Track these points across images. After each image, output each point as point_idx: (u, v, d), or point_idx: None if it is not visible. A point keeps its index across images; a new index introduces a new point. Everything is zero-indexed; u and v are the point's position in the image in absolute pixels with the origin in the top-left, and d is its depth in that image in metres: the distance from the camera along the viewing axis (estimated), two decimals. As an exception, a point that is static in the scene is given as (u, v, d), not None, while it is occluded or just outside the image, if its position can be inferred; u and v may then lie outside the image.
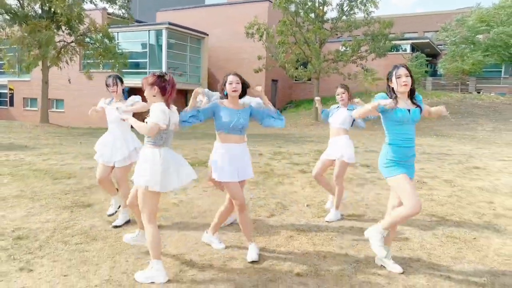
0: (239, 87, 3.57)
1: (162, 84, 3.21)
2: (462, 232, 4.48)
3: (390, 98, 3.28)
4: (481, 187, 6.77)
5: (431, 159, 10.15)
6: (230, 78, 3.57)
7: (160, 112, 3.17)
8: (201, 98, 3.91)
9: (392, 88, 3.32)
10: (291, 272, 3.37)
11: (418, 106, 3.33)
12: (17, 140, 12.52)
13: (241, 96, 3.67)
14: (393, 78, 3.29)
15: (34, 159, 8.81)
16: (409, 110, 3.27)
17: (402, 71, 3.25)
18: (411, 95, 3.34)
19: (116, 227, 4.49)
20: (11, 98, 30.67)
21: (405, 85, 3.22)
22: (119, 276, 3.27)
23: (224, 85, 3.60)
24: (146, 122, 3.17)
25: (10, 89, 30.44)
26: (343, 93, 4.94)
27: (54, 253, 3.73)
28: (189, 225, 4.56)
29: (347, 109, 4.88)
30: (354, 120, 4.90)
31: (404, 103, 3.29)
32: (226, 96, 3.62)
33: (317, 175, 5.02)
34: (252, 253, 3.59)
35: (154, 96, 3.24)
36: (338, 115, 4.93)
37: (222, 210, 3.90)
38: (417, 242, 4.16)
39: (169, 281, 3.18)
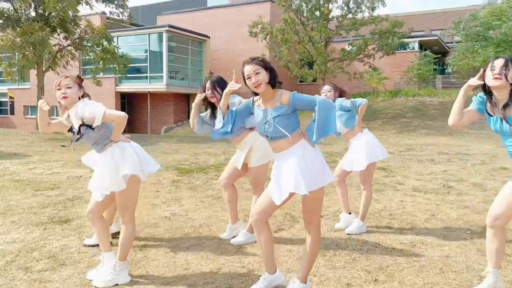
0: (262, 77, 2.60)
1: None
2: (513, 247, 3.66)
3: (489, 100, 2.66)
4: (517, 190, 5.94)
5: (452, 159, 9.33)
6: (246, 70, 2.64)
7: (92, 105, 2.94)
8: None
9: (488, 89, 2.61)
10: (307, 310, 2.58)
11: None
12: (8, 148, 11.83)
13: (272, 83, 2.67)
14: (487, 70, 2.59)
15: (19, 168, 8.09)
16: (501, 119, 2.55)
17: (499, 62, 2.54)
18: None
19: (88, 246, 3.74)
20: (12, 106, 30.17)
21: (497, 78, 2.50)
22: (82, 319, 2.49)
23: (244, 80, 2.69)
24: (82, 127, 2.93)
25: (11, 97, 29.95)
26: (329, 91, 4.18)
27: (9, 284, 2.97)
28: (179, 245, 3.77)
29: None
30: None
31: (498, 111, 2.58)
32: (254, 92, 2.74)
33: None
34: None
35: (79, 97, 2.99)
36: None
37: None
38: (461, 262, 3.35)
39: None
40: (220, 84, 3.60)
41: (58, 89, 2.92)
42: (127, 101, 26.65)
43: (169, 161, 9.10)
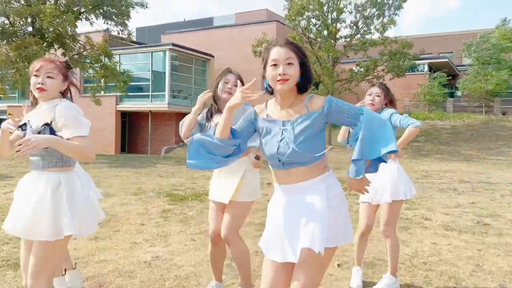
0: (293, 72, 1.79)
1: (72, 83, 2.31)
2: None
3: None
4: None
5: (476, 189, 8.40)
6: (276, 53, 1.81)
7: (81, 117, 2.13)
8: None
9: None
10: None
11: None
12: (-7, 168, 11.03)
13: (303, 87, 1.86)
14: None
15: (-6, 191, 7.26)
16: None
17: None
18: None
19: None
20: (11, 124, 29.55)
21: None
22: None
23: (264, 68, 1.88)
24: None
25: (10, 114, 29.29)
26: (378, 95, 3.19)
27: None
28: (156, 307, 2.87)
29: None
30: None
31: None
32: (269, 90, 1.91)
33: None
34: None
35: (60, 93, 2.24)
36: None
37: None
38: None
39: None
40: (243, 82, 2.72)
41: (35, 76, 2.12)
42: (128, 120, 25.99)
43: (162, 185, 8.23)
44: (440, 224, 5.33)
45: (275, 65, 1.80)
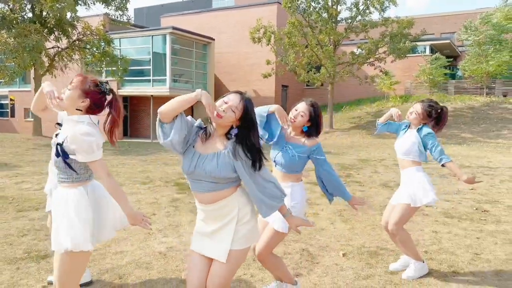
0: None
1: (99, 101, 2.27)
2: None
3: None
4: None
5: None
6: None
7: (95, 142, 2.13)
8: None
9: None
10: None
11: None
12: (0, 156, 11.21)
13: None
14: None
15: (5, 181, 7.44)
16: None
17: None
18: None
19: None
20: (12, 109, 29.65)
21: None
22: None
23: None
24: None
25: (11, 99, 29.44)
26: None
27: None
28: (175, 298, 3.07)
29: (417, 132, 3.47)
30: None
31: None
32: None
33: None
34: None
35: (78, 109, 2.22)
36: (403, 141, 3.53)
37: None
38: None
39: None
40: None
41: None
42: (130, 105, 26.05)
43: (169, 174, 8.41)
44: (440, 211, 5.53)
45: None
